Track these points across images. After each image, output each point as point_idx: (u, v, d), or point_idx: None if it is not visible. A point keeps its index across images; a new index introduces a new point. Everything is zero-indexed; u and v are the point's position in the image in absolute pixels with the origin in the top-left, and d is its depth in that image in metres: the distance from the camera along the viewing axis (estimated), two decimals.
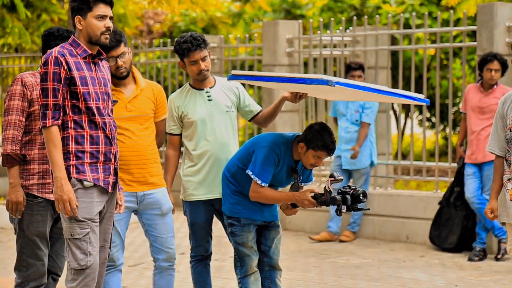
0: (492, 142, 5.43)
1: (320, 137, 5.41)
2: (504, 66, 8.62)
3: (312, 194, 5.43)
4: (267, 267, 5.77)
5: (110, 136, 4.92)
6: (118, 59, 5.52)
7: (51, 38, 5.45)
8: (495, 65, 8.58)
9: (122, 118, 5.54)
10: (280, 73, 5.43)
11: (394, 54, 13.22)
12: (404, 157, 14.79)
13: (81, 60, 4.86)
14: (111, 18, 4.89)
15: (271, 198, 5.55)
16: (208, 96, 5.85)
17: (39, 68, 5.31)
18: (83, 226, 4.83)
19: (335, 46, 11.01)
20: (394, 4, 14.99)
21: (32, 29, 13.25)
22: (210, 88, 5.88)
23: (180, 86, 13.14)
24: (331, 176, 5.36)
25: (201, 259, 5.98)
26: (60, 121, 4.80)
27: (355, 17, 10.70)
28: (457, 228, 8.98)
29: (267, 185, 5.52)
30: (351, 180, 9.82)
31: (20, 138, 5.39)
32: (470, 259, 8.60)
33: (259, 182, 5.48)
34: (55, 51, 4.82)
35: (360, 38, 10.88)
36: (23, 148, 5.42)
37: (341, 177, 5.38)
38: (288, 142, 5.56)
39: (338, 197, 5.34)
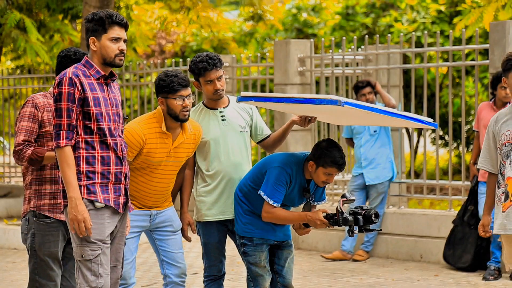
0: (483, 160, 5.68)
1: (328, 154, 5.41)
2: None
3: (324, 214, 5.42)
4: (280, 286, 5.75)
5: (121, 156, 4.93)
6: (185, 99, 5.56)
7: (68, 60, 5.46)
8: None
9: (160, 163, 5.60)
10: (290, 94, 5.45)
11: (406, 73, 13.22)
12: (417, 175, 14.75)
13: (94, 81, 4.88)
14: (125, 40, 4.92)
15: (283, 218, 5.53)
16: (222, 116, 5.84)
17: (52, 88, 5.32)
18: (94, 248, 4.82)
19: (347, 65, 11.01)
20: (406, 23, 15.00)
21: (45, 50, 13.32)
22: (224, 108, 5.88)
23: (192, 105, 13.15)
24: (343, 196, 5.36)
25: (214, 279, 5.96)
26: (73, 141, 4.81)
27: (367, 36, 10.70)
28: (471, 247, 8.93)
29: (279, 205, 5.50)
30: (367, 202, 9.80)
31: (32, 140, 5.36)
32: (484, 278, 8.55)
33: (271, 202, 5.47)
34: (69, 71, 4.84)
35: (372, 56, 10.88)
36: (34, 169, 5.42)
37: (353, 198, 5.38)
38: (299, 161, 5.55)
39: (350, 217, 5.33)
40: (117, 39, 4.88)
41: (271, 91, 12.16)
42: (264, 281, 5.63)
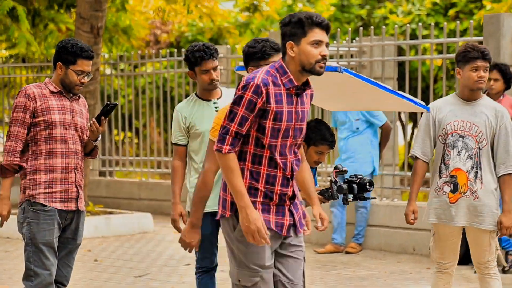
0: (416, 146, 5.76)
1: (318, 132, 5.43)
2: (505, 76, 8.51)
3: (318, 191, 5.44)
4: None
5: (289, 176, 4.44)
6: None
7: (65, 52, 5.43)
8: (494, 74, 8.47)
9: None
10: None
11: (400, 65, 13.23)
12: (411, 168, 14.78)
13: (283, 91, 4.34)
14: (327, 44, 4.36)
15: None
16: (216, 107, 5.82)
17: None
18: (254, 274, 4.42)
19: (341, 56, 11.01)
20: (401, 15, 15.00)
21: (39, 39, 13.29)
22: (218, 99, 5.86)
23: (187, 96, 13.15)
24: (336, 167, 5.39)
25: (206, 270, 5.97)
26: (236, 150, 4.35)
27: (361, 28, 10.69)
28: (463, 240, 8.93)
29: None
30: None
31: (19, 149, 5.40)
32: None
33: None
34: (259, 77, 4.31)
35: (366, 48, 10.88)
36: (30, 158, 5.42)
37: (345, 168, 5.39)
38: None
39: (345, 186, 5.35)
40: (318, 43, 4.30)
41: None
42: None
